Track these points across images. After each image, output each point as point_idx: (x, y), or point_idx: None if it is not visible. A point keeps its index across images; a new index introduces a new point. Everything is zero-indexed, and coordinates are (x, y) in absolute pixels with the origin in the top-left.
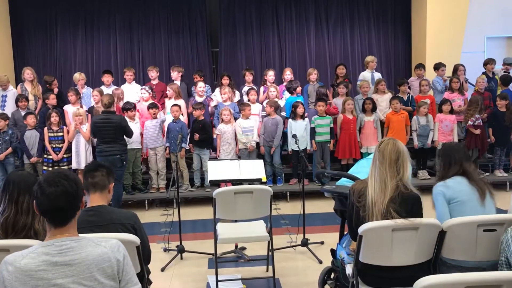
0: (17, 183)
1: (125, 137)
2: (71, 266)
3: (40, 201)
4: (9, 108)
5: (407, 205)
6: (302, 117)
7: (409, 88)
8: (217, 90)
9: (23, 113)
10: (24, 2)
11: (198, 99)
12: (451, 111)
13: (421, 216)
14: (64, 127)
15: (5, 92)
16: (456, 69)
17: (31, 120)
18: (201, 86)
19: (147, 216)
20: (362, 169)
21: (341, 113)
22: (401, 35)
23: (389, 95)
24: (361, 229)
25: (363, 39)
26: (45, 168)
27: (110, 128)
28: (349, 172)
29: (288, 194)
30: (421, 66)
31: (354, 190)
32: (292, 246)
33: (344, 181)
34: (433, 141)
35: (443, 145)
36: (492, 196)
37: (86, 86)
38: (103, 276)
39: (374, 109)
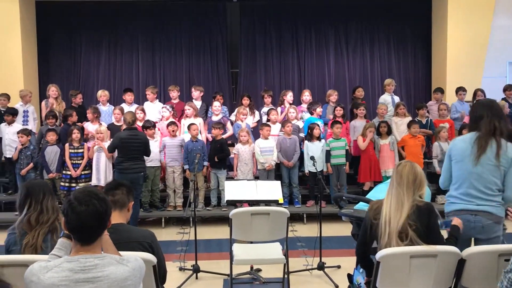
0: (42, 187)
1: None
2: (93, 283)
3: (70, 219)
4: (31, 124)
5: (423, 217)
6: (319, 138)
7: (428, 112)
8: (236, 110)
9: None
10: (50, 22)
11: (215, 118)
12: None
13: (437, 226)
14: (85, 143)
15: (26, 107)
16: (475, 94)
17: (51, 136)
18: (216, 105)
19: (163, 234)
20: (379, 194)
21: (361, 136)
22: (421, 59)
23: (409, 119)
24: (378, 255)
25: (383, 62)
26: (62, 184)
27: (137, 145)
28: (368, 196)
29: (305, 216)
30: (439, 90)
31: (372, 207)
32: (308, 269)
33: (362, 205)
34: None
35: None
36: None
37: (108, 104)
38: None
39: (389, 132)
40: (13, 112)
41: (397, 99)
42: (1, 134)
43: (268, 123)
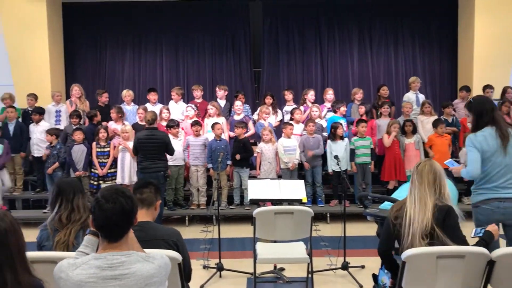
0: (72, 186)
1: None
2: (120, 280)
3: (96, 216)
4: (64, 123)
5: (440, 217)
6: (342, 138)
7: (454, 110)
8: (258, 109)
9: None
10: (76, 23)
11: (236, 117)
12: None
13: (456, 227)
14: (111, 142)
15: (58, 107)
16: (504, 91)
17: (78, 135)
18: (237, 104)
19: (187, 232)
20: (405, 193)
21: (386, 134)
22: (447, 56)
23: (434, 117)
24: (404, 255)
25: (408, 59)
26: (91, 182)
27: (154, 145)
28: (393, 195)
29: (328, 215)
30: (464, 88)
31: (393, 208)
32: (332, 269)
33: (387, 205)
34: None
35: (473, 98)
36: None
37: (132, 103)
38: None
39: (414, 131)
40: (40, 111)
41: (422, 97)
42: (29, 133)
43: (291, 122)
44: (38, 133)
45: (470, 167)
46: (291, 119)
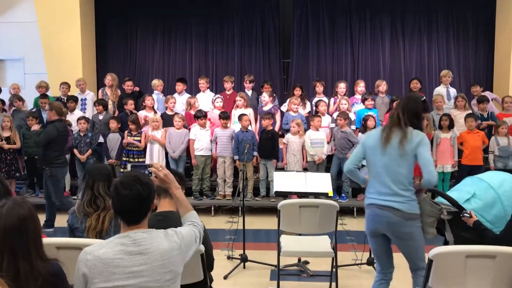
0: (92, 173)
1: (195, 144)
2: (144, 255)
3: (115, 202)
4: (89, 111)
5: None
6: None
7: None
8: (287, 101)
9: (100, 117)
10: (108, 13)
11: (265, 108)
12: None
13: None
14: (143, 132)
15: (84, 95)
16: None
17: (113, 124)
18: (264, 96)
19: (213, 222)
20: (463, 187)
21: None
22: (483, 50)
23: (468, 112)
24: (432, 253)
25: (441, 52)
26: (122, 170)
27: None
28: (449, 193)
29: (355, 209)
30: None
31: None
32: (357, 264)
33: (440, 199)
34: None
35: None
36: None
37: (160, 93)
38: (173, 264)
39: (451, 126)
40: (76, 99)
41: (453, 91)
42: None
43: (318, 114)
44: (73, 121)
45: (347, 161)
46: (316, 111)
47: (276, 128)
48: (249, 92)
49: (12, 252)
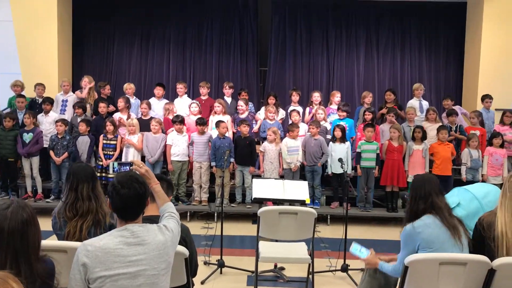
0: (76, 174)
1: (171, 150)
2: (143, 245)
3: (114, 200)
4: (69, 113)
5: None
6: (342, 140)
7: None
8: (262, 108)
9: (79, 119)
10: (85, 15)
11: (242, 116)
12: (502, 145)
13: None
14: (118, 136)
15: (65, 97)
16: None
17: (83, 127)
18: (240, 104)
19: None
20: (450, 198)
21: (388, 140)
22: (453, 65)
23: (439, 124)
24: (407, 260)
25: (414, 65)
26: (98, 174)
27: None
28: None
29: (329, 217)
30: (449, 97)
31: (483, 222)
32: (331, 271)
33: None
34: (482, 175)
35: (414, 176)
36: (466, 233)
37: (134, 97)
38: (167, 255)
39: (424, 138)
40: (51, 101)
41: (425, 104)
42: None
43: (297, 124)
44: (47, 123)
45: (398, 265)
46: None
47: (255, 129)
48: (228, 99)
49: (14, 254)
